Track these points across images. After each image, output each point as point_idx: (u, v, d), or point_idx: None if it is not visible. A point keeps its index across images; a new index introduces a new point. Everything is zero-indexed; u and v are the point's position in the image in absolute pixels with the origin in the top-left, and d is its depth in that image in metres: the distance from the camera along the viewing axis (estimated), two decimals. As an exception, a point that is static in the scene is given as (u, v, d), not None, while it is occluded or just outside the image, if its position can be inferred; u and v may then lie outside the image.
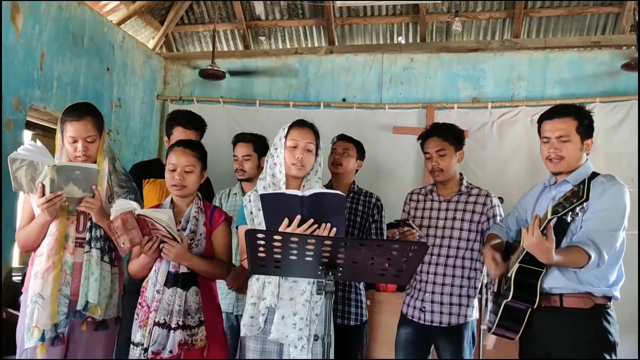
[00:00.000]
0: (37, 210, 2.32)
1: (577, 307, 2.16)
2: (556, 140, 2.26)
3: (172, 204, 2.43)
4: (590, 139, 2.28)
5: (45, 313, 2.23)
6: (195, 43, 5.48)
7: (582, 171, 2.26)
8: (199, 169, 2.42)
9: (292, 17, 5.18)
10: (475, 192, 2.83)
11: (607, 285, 2.17)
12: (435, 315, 2.73)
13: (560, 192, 2.24)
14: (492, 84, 4.47)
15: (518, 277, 2.17)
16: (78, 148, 2.37)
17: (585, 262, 2.05)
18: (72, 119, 2.37)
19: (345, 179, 3.14)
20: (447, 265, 2.75)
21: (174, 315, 2.23)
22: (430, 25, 5.04)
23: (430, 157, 2.82)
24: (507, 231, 2.51)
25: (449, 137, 2.81)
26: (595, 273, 2.14)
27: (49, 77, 3.52)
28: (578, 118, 2.26)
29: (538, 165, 4.12)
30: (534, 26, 4.95)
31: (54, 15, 3.55)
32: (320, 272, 1.82)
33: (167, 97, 4.86)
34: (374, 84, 4.64)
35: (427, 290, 2.76)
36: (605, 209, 2.13)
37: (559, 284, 2.17)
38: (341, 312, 2.91)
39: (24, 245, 2.39)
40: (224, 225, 2.42)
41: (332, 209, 2.02)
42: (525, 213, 2.45)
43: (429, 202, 2.89)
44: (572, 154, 2.25)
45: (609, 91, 4.20)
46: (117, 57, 4.27)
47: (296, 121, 2.33)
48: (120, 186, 2.52)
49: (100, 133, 2.44)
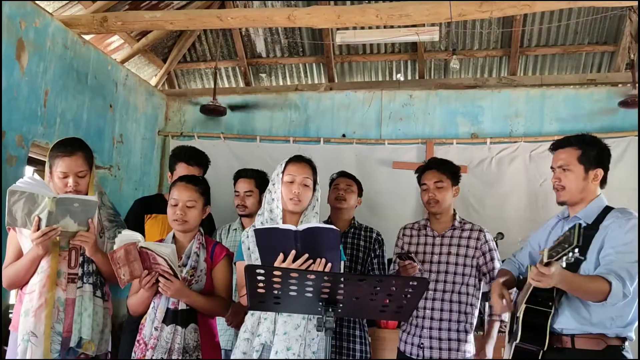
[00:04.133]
0: (24, 246, 2.30)
1: (590, 349, 2.08)
2: (558, 170, 2.26)
3: (174, 239, 2.42)
4: (598, 169, 2.22)
5: (38, 351, 2.19)
6: (197, 80, 5.57)
7: (594, 205, 2.21)
8: (201, 204, 2.42)
9: (293, 55, 5.28)
10: (469, 227, 2.84)
11: (622, 326, 2.09)
12: (435, 351, 2.69)
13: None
14: (490, 120, 4.51)
15: (526, 319, 2.12)
16: (69, 183, 2.36)
17: (606, 290, 1.95)
18: (64, 155, 2.37)
19: (346, 215, 3.15)
20: (444, 300, 2.74)
21: (171, 354, 2.19)
22: (428, 62, 5.14)
23: (427, 188, 2.83)
24: (519, 266, 2.47)
25: (446, 170, 2.84)
26: (610, 313, 2.05)
27: (52, 114, 3.56)
28: (581, 147, 2.23)
29: (537, 200, 4.17)
30: (530, 64, 5.04)
31: (59, 54, 3.61)
32: (320, 308, 1.81)
33: (169, 133, 4.90)
34: (374, 120, 4.69)
35: (425, 326, 2.74)
36: (625, 243, 2.06)
37: (570, 325, 2.11)
38: (346, 349, 2.89)
39: (12, 282, 2.34)
40: (225, 262, 2.41)
41: (327, 244, 2.01)
42: (538, 247, 2.39)
43: (422, 237, 2.90)
44: (574, 183, 2.21)
45: (606, 128, 4.23)
46: (120, 94, 4.32)
47: (293, 157, 2.34)
48: (109, 220, 2.52)
49: (90, 168, 2.45)
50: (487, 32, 4.85)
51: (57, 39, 3.59)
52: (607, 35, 4.78)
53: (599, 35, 4.79)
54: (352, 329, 2.93)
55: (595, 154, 2.23)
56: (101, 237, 2.41)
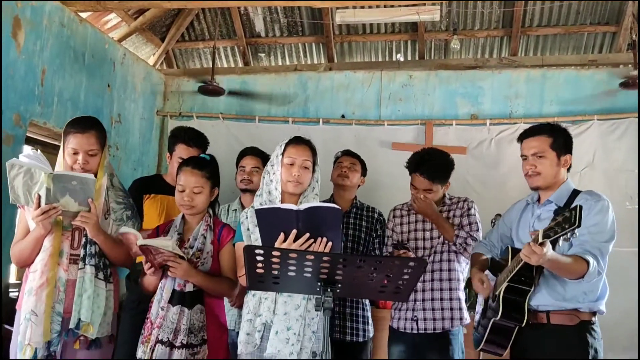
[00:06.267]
0: (32, 224, 2.29)
1: (563, 324, 2.21)
2: (532, 157, 2.35)
3: (183, 221, 2.43)
4: (568, 155, 2.35)
5: (38, 330, 2.19)
6: (196, 59, 5.52)
7: (564, 189, 2.33)
8: (208, 188, 2.41)
9: (292, 35, 5.23)
10: (455, 201, 2.94)
11: (593, 300, 2.22)
12: (428, 322, 2.77)
13: (545, 211, 2.33)
14: (490, 101, 4.49)
15: (507, 296, 2.22)
16: (78, 160, 2.35)
17: (584, 269, 2.08)
18: (76, 131, 2.36)
19: (348, 194, 3.15)
20: (434, 271, 2.84)
21: (177, 334, 2.21)
22: (428, 42, 5.10)
23: (417, 191, 2.89)
24: (490, 248, 2.58)
25: (436, 177, 2.86)
26: (582, 288, 2.18)
27: (49, 93, 3.53)
28: (552, 135, 2.35)
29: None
30: (531, 44, 5.00)
31: (56, 32, 3.57)
32: (318, 288, 1.82)
33: (167, 113, 4.88)
34: (373, 101, 4.66)
35: (418, 299, 2.81)
36: (595, 224, 2.19)
37: (546, 301, 2.23)
38: (350, 328, 2.94)
39: (19, 260, 2.35)
40: (232, 244, 2.41)
41: (328, 223, 2.01)
42: (509, 230, 2.51)
43: (412, 215, 2.97)
44: (548, 169, 2.32)
45: (606, 109, 4.21)
46: (118, 73, 4.29)
47: (293, 138, 2.32)
48: (117, 202, 2.50)
49: (102, 148, 2.43)
50: (489, 12, 4.80)
51: (54, 17, 3.55)
52: (609, 15, 4.74)
53: (601, 15, 4.75)
54: (356, 309, 2.98)
55: (563, 141, 2.36)
56: (106, 218, 2.39)
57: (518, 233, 2.44)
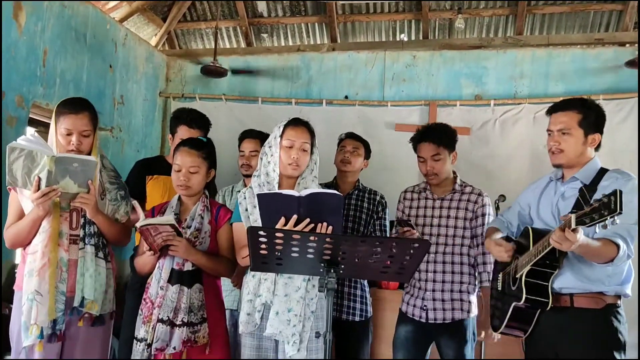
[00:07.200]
0: (26, 207, 2.31)
1: (588, 308, 2.12)
2: (557, 133, 2.24)
3: (179, 202, 2.45)
4: (597, 134, 2.23)
5: (43, 310, 2.23)
6: (198, 40, 5.47)
7: (591, 167, 2.22)
8: (205, 169, 2.43)
9: (295, 15, 5.18)
10: (469, 191, 2.86)
11: (619, 283, 2.13)
12: (438, 312, 2.74)
13: (570, 188, 2.23)
14: (494, 82, 4.46)
15: (529, 280, 2.13)
16: (72, 141, 2.36)
17: (614, 253, 1.98)
18: (70, 112, 2.37)
19: (351, 177, 3.15)
20: (446, 262, 2.78)
21: (177, 313, 2.24)
22: (432, 22, 5.03)
23: (424, 161, 2.84)
24: (507, 225, 2.49)
25: (442, 141, 2.82)
26: (607, 271, 2.09)
27: (51, 74, 3.52)
28: (582, 112, 2.22)
29: (541, 162, 4.13)
30: (537, 23, 4.93)
31: (57, 13, 3.55)
32: (322, 269, 1.82)
33: (170, 94, 4.86)
34: (376, 81, 4.63)
35: (428, 289, 2.78)
36: (625, 204, 2.01)
37: (570, 284, 2.14)
38: (347, 307, 2.95)
39: (14, 242, 2.37)
40: (230, 224, 2.42)
41: (330, 209, 2.02)
42: (528, 208, 2.41)
43: (423, 200, 2.92)
44: (573, 147, 2.21)
45: (612, 88, 4.18)
46: (120, 54, 4.27)
47: (291, 120, 2.31)
48: (111, 182, 2.52)
49: (94, 129, 2.44)
50: (494, -10, 4.73)
51: (54, -4, 3.52)
52: (616, -7, 4.66)
53: (608, -7, 4.68)
54: (353, 288, 2.99)
55: (594, 119, 2.23)
56: (102, 199, 2.41)
57: (539, 211, 2.33)
